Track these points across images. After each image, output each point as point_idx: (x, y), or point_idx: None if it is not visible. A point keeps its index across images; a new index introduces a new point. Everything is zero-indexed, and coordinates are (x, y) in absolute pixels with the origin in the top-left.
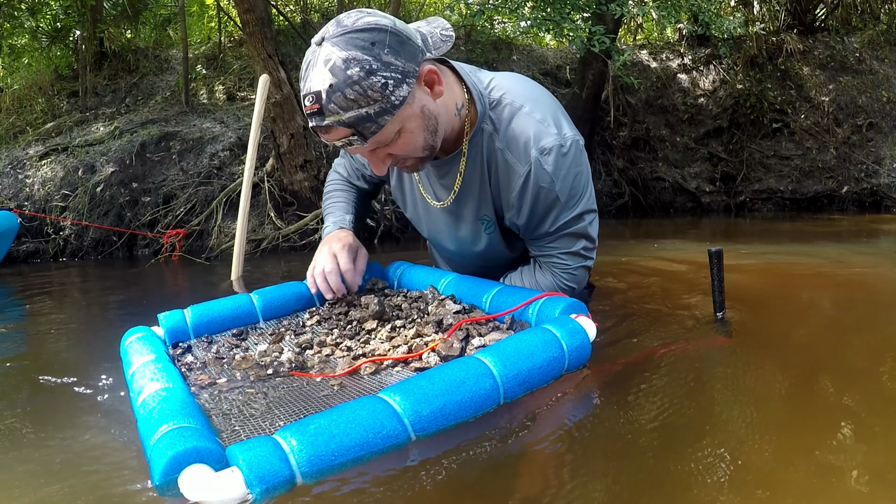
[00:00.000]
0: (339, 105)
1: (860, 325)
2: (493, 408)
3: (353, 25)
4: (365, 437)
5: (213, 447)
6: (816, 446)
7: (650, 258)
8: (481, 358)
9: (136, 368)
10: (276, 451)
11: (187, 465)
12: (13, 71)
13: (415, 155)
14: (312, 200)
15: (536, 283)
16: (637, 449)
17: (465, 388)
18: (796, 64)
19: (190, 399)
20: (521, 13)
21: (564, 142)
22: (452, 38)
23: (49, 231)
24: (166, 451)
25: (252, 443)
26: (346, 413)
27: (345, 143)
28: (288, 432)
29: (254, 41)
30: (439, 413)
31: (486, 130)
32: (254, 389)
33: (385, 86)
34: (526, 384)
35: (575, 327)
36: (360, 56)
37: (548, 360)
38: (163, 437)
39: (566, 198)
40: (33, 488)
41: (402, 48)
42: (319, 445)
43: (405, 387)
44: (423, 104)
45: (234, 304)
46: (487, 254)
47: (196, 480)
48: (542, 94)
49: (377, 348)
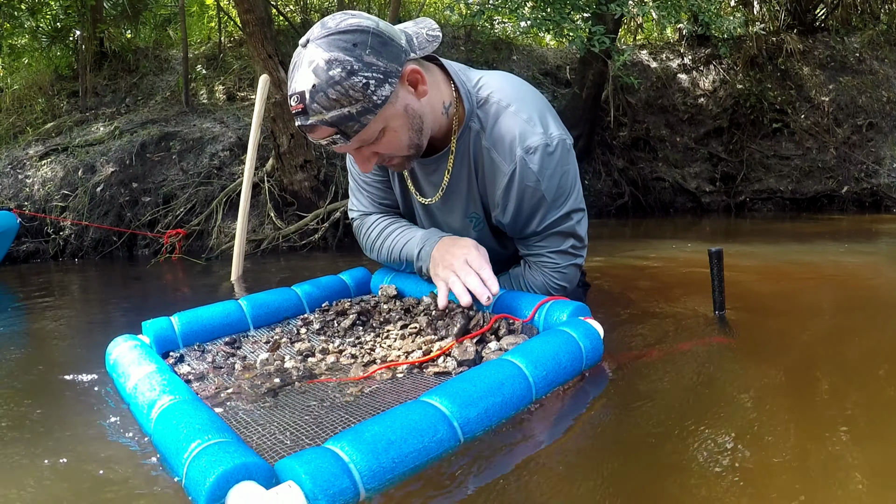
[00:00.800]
0: (322, 105)
1: (860, 325)
2: (527, 407)
3: (336, 27)
4: (422, 443)
5: (260, 462)
6: (816, 446)
7: (650, 258)
8: (513, 360)
9: (139, 380)
10: (336, 462)
11: (235, 483)
12: (13, 71)
13: (400, 153)
14: (312, 200)
15: (527, 284)
16: (636, 448)
17: (504, 389)
18: (796, 64)
19: (211, 412)
20: (521, 13)
21: (550, 141)
22: (439, 38)
23: (49, 231)
24: (212, 469)
25: (308, 455)
26: (399, 419)
27: (329, 142)
28: (343, 441)
29: (254, 41)
30: (484, 414)
31: (473, 129)
32: (270, 402)
33: (367, 86)
34: (553, 384)
35: (588, 329)
36: (341, 57)
37: (570, 360)
38: (201, 455)
39: (553, 197)
40: (34, 488)
41: (385, 49)
42: (380, 454)
43: (448, 390)
44: (407, 103)
45: (224, 312)
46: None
47: (247, 499)
48: (530, 93)
49: (387, 354)
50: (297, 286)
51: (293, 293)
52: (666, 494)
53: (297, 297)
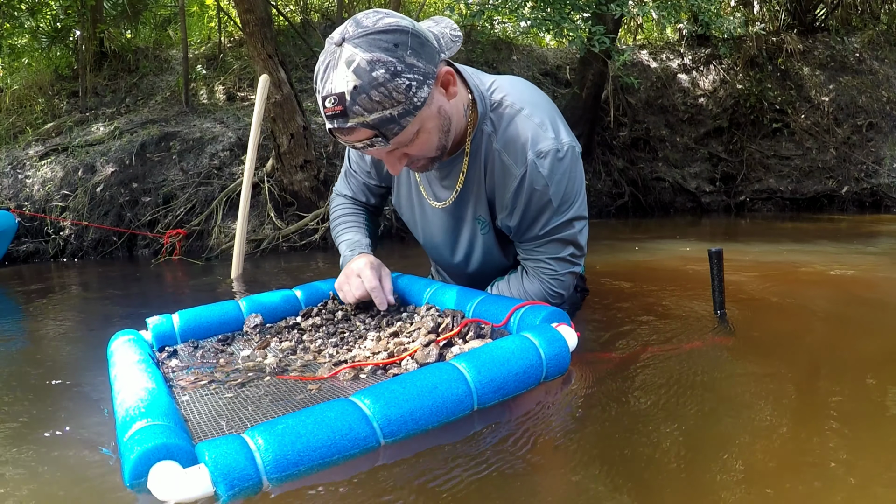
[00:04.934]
0: (364, 107)
1: (860, 325)
2: (466, 413)
3: (374, 26)
4: (332, 439)
5: (183, 444)
6: (816, 446)
7: (650, 258)
8: (456, 364)
9: (119, 370)
10: (242, 448)
11: (156, 462)
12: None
13: (428, 155)
14: (312, 200)
15: (524, 290)
16: (635, 448)
17: (436, 392)
18: (796, 64)
19: (167, 399)
20: (521, 13)
21: (561, 147)
22: (461, 39)
23: (49, 231)
24: (135, 447)
25: (219, 440)
26: (315, 414)
27: (365, 145)
28: (256, 431)
29: (254, 41)
30: (409, 417)
31: (485, 131)
32: (232, 393)
33: (409, 87)
34: (501, 391)
35: (554, 336)
36: (384, 58)
37: (524, 367)
38: (134, 434)
39: (559, 202)
40: (32, 489)
41: (423, 49)
42: (286, 445)
43: (376, 390)
44: (440, 105)
45: (222, 311)
46: (481, 257)
47: (164, 477)
48: (543, 98)
49: (358, 355)
50: (298, 288)
51: (292, 295)
52: (665, 493)
53: (295, 299)
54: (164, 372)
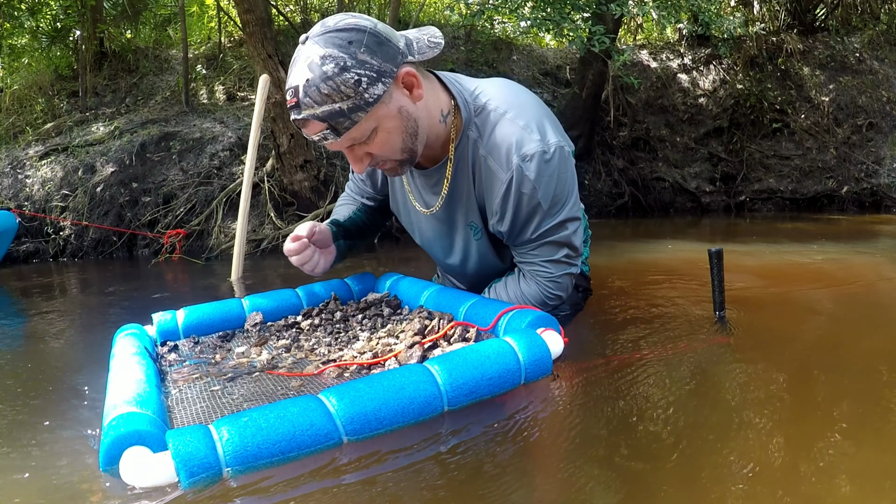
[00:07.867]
0: (314, 99)
1: (860, 325)
2: (436, 415)
3: (335, 26)
4: (292, 433)
5: (156, 432)
6: (816, 446)
7: (650, 258)
8: (428, 366)
9: (116, 361)
10: (205, 438)
11: (128, 447)
12: (13, 71)
13: (393, 157)
14: (312, 200)
15: (521, 293)
16: (635, 448)
17: (403, 393)
18: (796, 64)
19: (153, 390)
20: (521, 13)
21: (548, 148)
22: (440, 46)
23: (49, 231)
24: (110, 433)
25: (186, 430)
26: (278, 409)
27: (321, 138)
28: (222, 423)
29: (254, 41)
30: (373, 416)
31: (471, 137)
32: (219, 386)
33: (358, 83)
34: (474, 394)
35: (535, 340)
36: (335, 53)
37: (500, 371)
38: (112, 421)
39: (549, 204)
40: (31, 489)
41: (380, 48)
42: (247, 437)
43: (342, 388)
44: (401, 105)
45: (226, 308)
46: (478, 261)
47: (133, 462)
48: (529, 99)
49: (346, 355)
50: (300, 288)
51: (294, 294)
52: (664, 493)
53: (298, 298)
54: (162, 365)
